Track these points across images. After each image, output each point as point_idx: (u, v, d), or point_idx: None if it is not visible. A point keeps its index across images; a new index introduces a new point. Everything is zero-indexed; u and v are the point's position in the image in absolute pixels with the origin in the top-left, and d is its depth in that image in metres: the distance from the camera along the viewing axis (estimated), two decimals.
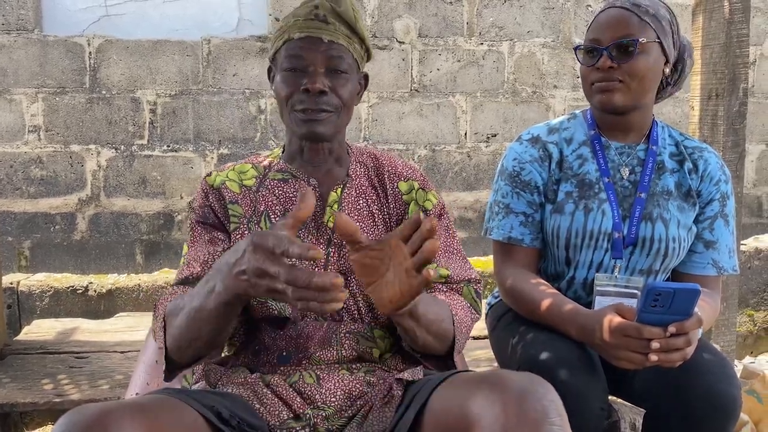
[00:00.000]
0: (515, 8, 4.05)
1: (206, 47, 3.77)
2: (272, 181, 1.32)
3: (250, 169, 1.35)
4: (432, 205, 1.35)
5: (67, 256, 3.77)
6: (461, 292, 1.33)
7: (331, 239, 1.28)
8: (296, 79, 1.24)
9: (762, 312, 3.55)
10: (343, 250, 1.28)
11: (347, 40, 1.26)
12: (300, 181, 1.31)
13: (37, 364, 2.25)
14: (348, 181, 1.33)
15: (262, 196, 1.30)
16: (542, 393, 0.98)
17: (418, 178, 1.37)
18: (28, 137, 3.68)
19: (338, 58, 1.24)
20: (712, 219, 1.51)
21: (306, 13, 1.26)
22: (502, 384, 0.99)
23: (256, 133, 3.85)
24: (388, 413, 1.16)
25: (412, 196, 1.34)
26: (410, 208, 1.33)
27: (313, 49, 1.23)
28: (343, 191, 1.31)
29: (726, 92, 2.21)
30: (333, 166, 1.34)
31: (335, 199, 1.30)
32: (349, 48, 1.26)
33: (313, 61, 1.23)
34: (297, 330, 1.24)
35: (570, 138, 1.56)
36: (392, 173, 1.36)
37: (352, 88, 1.28)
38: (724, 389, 1.30)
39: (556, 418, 0.95)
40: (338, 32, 1.25)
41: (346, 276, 1.27)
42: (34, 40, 3.64)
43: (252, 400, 1.16)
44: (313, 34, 1.24)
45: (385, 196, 1.34)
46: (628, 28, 1.42)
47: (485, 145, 4.09)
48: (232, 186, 1.31)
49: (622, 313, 1.25)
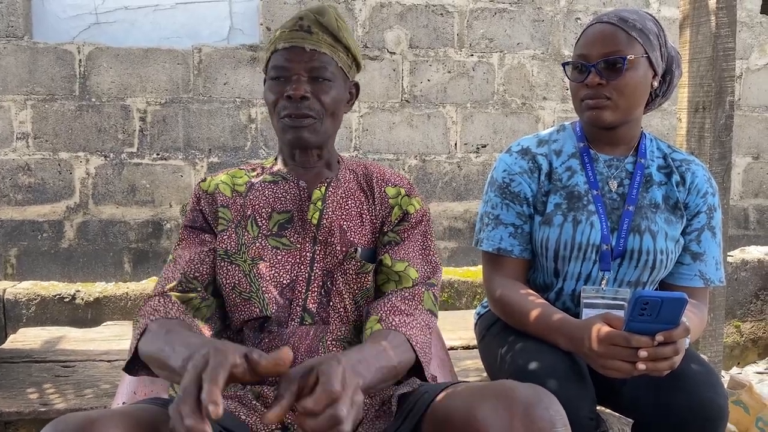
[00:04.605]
0: (505, 20, 4.08)
1: (197, 56, 3.77)
2: (262, 183, 1.35)
3: (243, 175, 1.38)
4: (414, 210, 1.36)
5: (55, 264, 3.74)
6: (422, 298, 1.31)
7: (316, 237, 1.30)
8: (281, 87, 1.29)
9: (748, 323, 3.57)
10: (328, 249, 1.30)
11: (331, 49, 1.30)
12: (289, 182, 1.33)
13: (22, 373, 2.23)
14: (333, 179, 1.35)
15: (250, 200, 1.33)
16: (548, 403, 1.00)
17: (405, 186, 1.39)
18: (16, 144, 3.66)
19: (320, 66, 1.28)
20: (699, 231, 1.53)
21: (291, 25, 1.32)
22: (509, 394, 1.00)
23: (247, 141, 3.85)
24: (380, 425, 1.15)
25: (397, 201, 1.36)
26: (393, 211, 1.35)
27: (296, 59, 1.28)
28: (327, 189, 1.34)
29: (713, 105, 2.23)
30: (322, 170, 1.37)
31: (319, 196, 1.33)
32: (333, 56, 1.30)
33: (296, 70, 1.28)
34: (284, 338, 1.24)
35: (559, 150, 1.57)
36: (380, 179, 1.39)
37: (337, 95, 1.31)
38: (711, 399, 1.31)
39: (562, 429, 0.98)
40: (321, 41, 1.29)
41: (332, 274, 1.29)
42: (23, 47, 3.63)
43: (239, 411, 1.16)
44: (297, 44, 1.29)
45: (372, 198, 1.36)
46: (616, 44, 1.43)
47: (475, 156, 4.11)
48: (224, 190, 1.35)
49: (610, 322, 1.26)
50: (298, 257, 1.29)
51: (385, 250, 1.33)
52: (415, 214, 1.36)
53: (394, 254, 1.32)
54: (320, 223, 1.30)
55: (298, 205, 1.32)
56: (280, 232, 1.31)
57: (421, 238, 1.37)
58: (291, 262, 1.29)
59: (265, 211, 1.32)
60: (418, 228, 1.36)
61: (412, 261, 1.32)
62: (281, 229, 1.31)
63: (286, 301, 1.27)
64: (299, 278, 1.28)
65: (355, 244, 1.31)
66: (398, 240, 1.34)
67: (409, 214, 1.35)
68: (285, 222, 1.31)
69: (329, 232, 1.30)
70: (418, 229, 1.36)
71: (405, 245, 1.33)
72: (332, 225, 1.31)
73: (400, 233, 1.34)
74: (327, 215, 1.31)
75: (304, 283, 1.28)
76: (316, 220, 1.31)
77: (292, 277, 1.28)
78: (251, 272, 1.26)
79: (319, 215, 1.31)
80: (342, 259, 1.30)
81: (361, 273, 1.30)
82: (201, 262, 1.29)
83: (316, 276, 1.29)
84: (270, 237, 1.30)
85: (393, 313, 1.26)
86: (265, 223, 1.31)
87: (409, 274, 1.31)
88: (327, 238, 1.30)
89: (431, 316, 1.32)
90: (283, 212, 1.32)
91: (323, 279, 1.29)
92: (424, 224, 1.38)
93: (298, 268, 1.29)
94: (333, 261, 1.30)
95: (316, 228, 1.30)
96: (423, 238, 1.37)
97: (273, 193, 1.34)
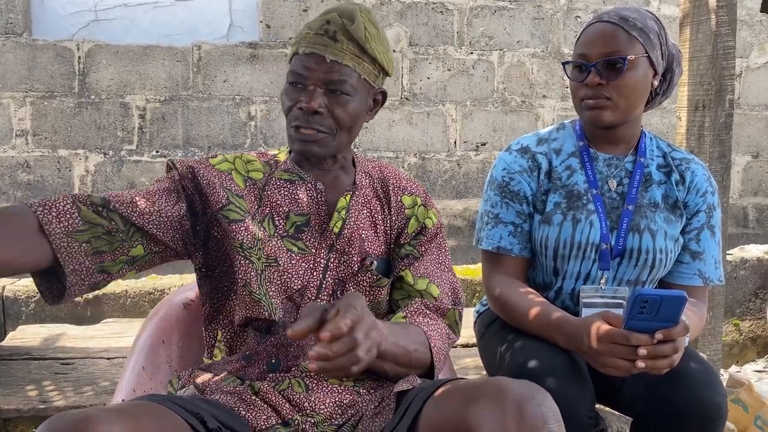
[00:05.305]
0: (505, 18, 4.08)
1: (196, 53, 3.77)
2: (278, 180, 1.30)
3: (256, 161, 1.33)
4: (432, 224, 1.36)
5: None
6: (446, 314, 1.34)
7: (333, 245, 1.28)
8: (296, 94, 1.22)
9: (747, 321, 3.58)
10: (344, 257, 1.28)
11: (354, 60, 1.22)
12: (307, 184, 1.30)
13: (21, 370, 2.22)
14: (355, 189, 1.32)
15: (268, 196, 1.28)
16: (540, 400, 0.99)
17: (421, 194, 1.38)
18: (15, 141, 3.66)
19: (340, 79, 1.21)
20: (698, 230, 1.53)
21: (317, 27, 1.23)
22: (501, 391, 1.00)
23: (246, 139, 3.84)
24: (380, 423, 1.16)
25: (414, 212, 1.35)
26: (410, 223, 1.34)
27: (315, 69, 1.21)
28: (351, 198, 1.31)
29: (713, 103, 2.23)
30: (339, 173, 1.33)
31: (344, 205, 1.29)
32: (355, 68, 1.22)
33: (313, 80, 1.21)
34: (290, 342, 1.24)
35: (559, 149, 1.57)
36: (397, 186, 1.37)
37: (355, 108, 1.24)
38: (710, 398, 1.31)
39: (555, 425, 0.97)
40: (345, 52, 1.21)
41: (344, 283, 1.28)
42: (23, 44, 3.62)
43: (239, 407, 1.16)
44: (318, 51, 1.21)
45: (388, 207, 1.35)
46: (616, 44, 1.42)
47: (475, 154, 4.11)
48: (237, 178, 1.28)
49: (609, 321, 1.26)
50: (312, 262, 1.26)
51: (404, 265, 1.32)
52: (432, 228, 1.36)
53: (415, 271, 1.31)
54: (341, 232, 1.28)
55: (316, 210, 1.29)
56: (297, 235, 1.27)
57: (439, 252, 1.37)
58: (304, 267, 1.26)
59: (282, 211, 1.28)
60: (435, 242, 1.36)
61: (432, 277, 1.33)
62: (297, 231, 1.27)
63: (295, 306, 1.25)
64: (311, 284, 1.26)
65: (370, 254, 1.29)
66: (417, 254, 1.33)
67: (427, 228, 1.35)
68: (302, 225, 1.28)
69: (348, 242, 1.28)
70: (435, 243, 1.36)
71: (425, 261, 1.33)
72: (352, 235, 1.28)
73: (417, 247, 1.33)
74: (349, 225, 1.28)
75: (314, 289, 1.26)
76: (338, 229, 1.28)
77: (303, 282, 1.25)
78: (263, 273, 1.23)
79: (341, 224, 1.28)
80: (357, 270, 1.28)
81: (375, 286, 1.29)
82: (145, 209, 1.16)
83: (327, 284, 1.27)
84: (285, 238, 1.26)
85: (418, 314, 1.28)
86: (282, 223, 1.27)
87: (431, 292, 1.31)
88: (345, 247, 1.27)
89: (452, 332, 1.34)
90: (300, 215, 1.28)
91: (334, 287, 1.27)
92: (440, 237, 1.39)
93: (310, 273, 1.26)
94: (347, 270, 1.27)
95: (336, 237, 1.28)
96: (438, 251, 1.37)
97: (290, 193, 1.29)
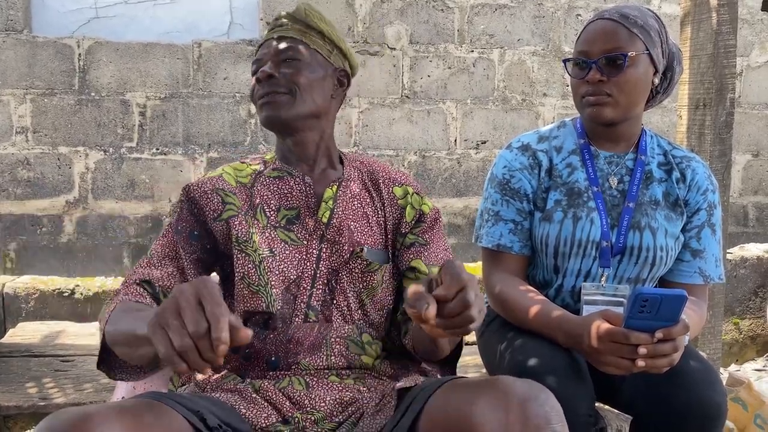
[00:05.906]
0: (506, 16, 4.08)
1: (197, 50, 3.76)
2: (267, 178, 1.35)
3: (245, 168, 1.38)
4: (429, 209, 1.39)
5: (54, 259, 3.73)
6: None
7: (324, 235, 1.31)
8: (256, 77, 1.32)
9: (747, 320, 3.58)
10: (335, 247, 1.30)
11: (300, 33, 1.32)
12: (295, 178, 1.33)
13: (21, 367, 2.23)
14: (342, 180, 1.35)
15: (257, 191, 1.33)
16: (544, 399, 1.00)
17: (411, 183, 1.41)
18: (15, 138, 3.66)
19: (287, 47, 1.31)
20: (699, 228, 1.52)
21: (269, 29, 1.37)
22: (505, 390, 1.00)
23: (246, 137, 3.84)
24: (381, 420, 1.16)
25: (407, 201, 1.38)
26: (407, 212, 1.37)
27: (267, 51, 1.33)
28: (338, 189, 1.34)
29: (713, 102, 2.23)
30: (327, 167, 1.37)
31: (330, 195, 1.33)
32: (303, 39, 1.32)
33: (266, 59, 1.32)
34: (287, 334, 1.25)
35: (560, 146, 1.56)
36: (387, 178, 1.39)
37: (310, 74, 1.31)
38: (710, 397, 1.31)
39: (558, 425, 0.98)
40: (291, 29, 1.33)
41: (337, 273, 1.29)
42: (23, 41, 3.62)
43: (239, 405, 1.16)
44: (268, 37, 1.35)
45: (380, 199, 1.37)
46: (617, 41, 1.42)
47: (475, 152, 4.11)
48: (228, 179, 1.35)
49: (609, 319, 1.26)
50: (304, 253, 1.30)
51: (413, 254, 1.34)
52: (430, 214, 1.38)
53: (426, 259, 1.34)
54: (330, 222, 1.31)
55: (305, 202, 1.32)
56: (288, 226, 1.31)
57: (442, 238, 1.40)
58: (298, 258, 1.29)
59: (273, 203, 1.32)
60: (436, 228, 1.39)
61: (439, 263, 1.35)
62: (289, 223, 1.31)
63: (291, 296, 1.28)
64: (305, 274, 1.29)
65: (362, 244, 1.31)
66: (422, 241, 1.36)
67: (425, 214, 1.38)
68: (293, 218, 1.32)
69: (338, 232, 1.31)
70: (436, 229, 1.39)
71: (433, 248, 1.36)
72: (341, 225, 1.31)
73: (421, 234, 1.36)
74: (337, 215, 1.31)
75: (309, 279, 1.29)
76: (326, 219, 1.31)
77: (298, 272, 1.29)
78: (261, 265, 1.27)
79: (329, 214, 1.31)
80: (348, 258, 1.30)
81: (366, 272, 1.31)
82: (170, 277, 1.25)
83: (321, 273, 1.29)
84: (279, 229, 1.31)
85: None
86: (273, 215, 1.31)
87: None
88: (335, 237, 1.30)
89: None
90: (290, 209, 1.32)
91: (328, 277, 1.30)
92: (439, 223, 1.41)
93: (304, 264, 1.29)
94: (339, 260, 1.30)
95: (326, 227, 1.31)
96: (439, 237, 1.40)
97: (279, 189, 1.33)
